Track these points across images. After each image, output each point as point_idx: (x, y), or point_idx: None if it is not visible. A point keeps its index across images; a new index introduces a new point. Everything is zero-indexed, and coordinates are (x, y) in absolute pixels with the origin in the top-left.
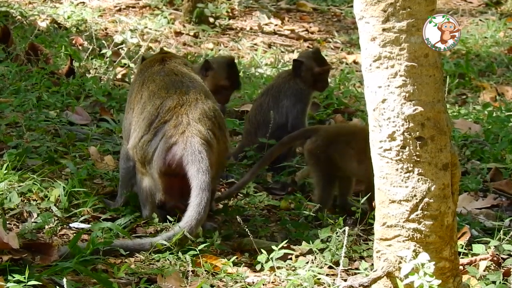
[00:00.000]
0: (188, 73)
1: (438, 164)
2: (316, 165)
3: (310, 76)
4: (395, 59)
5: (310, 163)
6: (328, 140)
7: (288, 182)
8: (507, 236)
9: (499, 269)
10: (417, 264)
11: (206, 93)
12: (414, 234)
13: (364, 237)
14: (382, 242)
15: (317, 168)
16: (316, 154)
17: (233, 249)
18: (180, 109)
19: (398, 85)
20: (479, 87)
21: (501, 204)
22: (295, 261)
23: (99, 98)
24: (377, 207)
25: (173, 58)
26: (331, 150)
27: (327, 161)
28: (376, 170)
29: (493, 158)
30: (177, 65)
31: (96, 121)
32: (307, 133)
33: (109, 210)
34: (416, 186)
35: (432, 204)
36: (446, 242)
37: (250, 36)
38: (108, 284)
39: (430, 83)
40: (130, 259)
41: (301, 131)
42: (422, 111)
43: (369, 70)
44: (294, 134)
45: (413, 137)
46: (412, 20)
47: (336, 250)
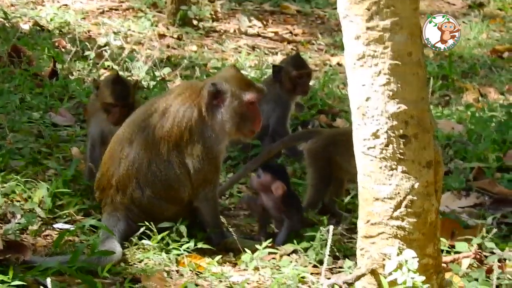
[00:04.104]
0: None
1: (422, 162)
2: (315, 165)
3: (289, 80)
4: (379, 58)
5: (309, 163)
6: (329, 141)
7: None
8: (489, 234)
9: (482, 267)
10: (401, 261)
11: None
12: (397, 232)
13: (348, 236)
14: (366, 239)
15: (315, 169)
16: (316, 153)
17: (218, 249)
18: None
19: (382, 83)
20: (462, 88)
21: (484, 203)
22: (280, 260)
23: (83, 100)
24: (361, 204)
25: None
26: (332, 150)
27: (327, 161)
28: (360, 168)
29: (476, 157)
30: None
31: (80, 122)
32: (308, 134)
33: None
34: (400, 184)
35: (415, 202)
36: (430, 239)
37: (233, 39)
38: (93, 284)
39: (414, 82)
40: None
41: (303, 132)
42: (406, 109)
43: (353, 69)
44: (296, 134)
45: (396, 135)
46: (396, 19)
47: (320, 249)
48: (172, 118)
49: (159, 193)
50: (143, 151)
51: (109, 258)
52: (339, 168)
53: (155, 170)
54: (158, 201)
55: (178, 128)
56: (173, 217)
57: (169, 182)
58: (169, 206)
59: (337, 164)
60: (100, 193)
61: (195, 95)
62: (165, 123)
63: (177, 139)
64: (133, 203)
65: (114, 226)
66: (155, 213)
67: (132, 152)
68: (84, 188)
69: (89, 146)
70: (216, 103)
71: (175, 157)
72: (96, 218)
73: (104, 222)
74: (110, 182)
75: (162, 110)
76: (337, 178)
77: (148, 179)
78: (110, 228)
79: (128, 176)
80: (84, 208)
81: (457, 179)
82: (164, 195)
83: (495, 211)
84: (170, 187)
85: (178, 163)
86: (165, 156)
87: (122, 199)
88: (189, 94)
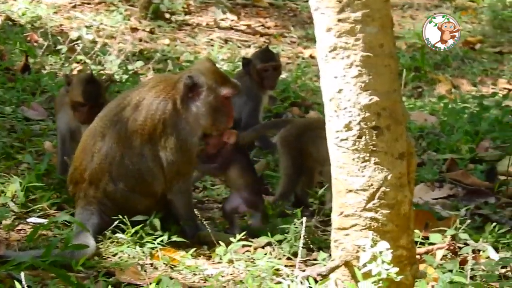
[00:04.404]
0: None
1: (394, 153)
2: (288, 153)
3: (256, 73)
4: (350, 50)
5: (282, 151)
6: (302, 129)
7: None
8: (463, 225)
9: (456, 258)
10: (375, 252)
11: None
12: (371, 223)
13: (322, 228)
14: (339, 231)
15: (287, 158)
16: (289, 142)
17: (192, 242)
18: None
19: (354, 75)
20: (435, 80)
21: (457, 194)
22: (254, 253)
23: (55, 94)
24: (334, 196)
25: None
26: (304, 137)
27: (299, 150)
28: (333, 160)
29: (449, 149)
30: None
31: (52, 116)
32: (281, 123)
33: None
34: (373, 175)
35: (388, 193)
36: (403, 231)
37: (206, 32)
38: (66, 278)
39: (386, 73)
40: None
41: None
42: (378, 101)
43: (325, 61)
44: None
45: (369, 127)
46: (367, 11)
47: (294, 241)
48: (146, 111)
49: (132, 186)
50: (116, 144)
51: (82, 252)
52: (310, 157)
53: (128, 163)
54: (131, 194)
55: (152, 120)
56: (146, 211)
57: (142, 176)
58: (143, 199)
59: (308, 153)
60: (73, 187)
61: (170, 88)
62: (138, 116)
63: (150, 132)
64: (107, 197)
65: (87, 220)
66: (129, 207)
67: (105, 146)
68: (57, 182)
69: (59, 140)
70: (191, 96)
71: (148, 150)
72: (70, 212)
73: (78, 216)
74: (83, 176)
75: (135, 103)
76: (308, 168)
77: (121, 173)
78: (84, 222)
79: (101, 170)
80: (58, 202)
81: (430, 171)
82: (138, 188)
83: (469, 202)
84: (143, 180)
85: (151, 156)
86: (138, 150)
87: (95, 193)
88: (163, 87)
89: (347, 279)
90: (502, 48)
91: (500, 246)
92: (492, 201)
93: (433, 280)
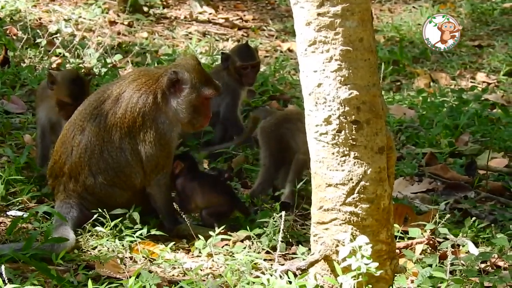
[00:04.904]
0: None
1: (374, 147)
2: (268, 144)
3: (234, 70)
4: (330, 44)
5: (262, 142)
6: (281, 119)
7: (225, 169)
8: (442, 219)
9: (435, 253)
10: (355, 247)
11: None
12: (351, 218)
13: (301, 222)
14: (319, 225)
15: (267, 147)
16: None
17: (171, 235)
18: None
19: (333, 69)
20: (413, 73)
21: (436, 188)
22: (233, 247)
23: (35, 87)
24: (314, 191)
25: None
26: (283, 127)
27: (278, 139)
28: (312, 154)
29: (428, 143)
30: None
31: (32, 109)
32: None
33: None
34: (352, 169)
35: (368, 187)
36: (383, 225)
37: (184, 25)
38: (46, 271)
39: (365, 67)
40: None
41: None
42: (358, 95)
43: (304, 55)
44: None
45: (348, 121)
46: (347, 5)
47: (273, 235)
48: (125, 104)
49: (112, 180)
50: (95, 138)
51: (62, 245)
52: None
53: (107, 157)
54: (110, 188)
55: (131, 114)
56: (126, 204)
57: (121, 169)
58: (122, 193)
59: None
60: (52, 180)
61: (152, 82)
62: (117, 109)
63: (129, 125)
64: (86, 191)
65: (67, 213)
66: (108, 200)
67: (84, 140)
68: (37, 176)
69: (39, 133)
70: (173, 91)
71: (127, 143)
72: (49, 205)
73: (57, 209)
74: (62, 169)
75: (115, 96)
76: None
77: (100, 166)
78: (63, 215)
79: (81, 164)
80: (37, 195)
81: (409, 165)
82: (117, 182)
83: (448, 196)
84: (122, 174)
85: (130, 149)
86: (117, 143)
87: (74, 186)
88: (145, 80)
89: (327, 274)
90: (481, 42)
91: (480, 241)
92: (472, 196)
93: (413, 275)
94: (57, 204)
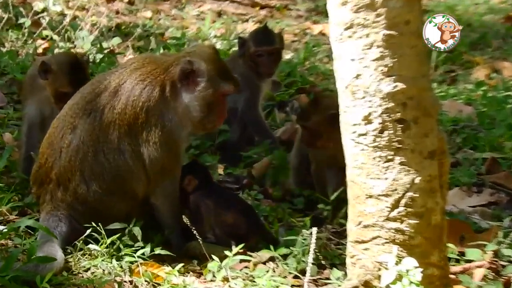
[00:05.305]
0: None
1: (423, 151)
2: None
3: (249, 57)
4: (370, 27)
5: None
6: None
7: (244, 175)
8: (506, 238)
9: (498, 278)
10: (401, 271)
11: None
12: (395, 236)
13: (336, 240)
14: (357, 245)
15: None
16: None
17: (179, 255)
18: None
19: (374, 57)
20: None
21: (499, 201)
22: (253, 270)
23: (17, 76)
24: (351, 203)
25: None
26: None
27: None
28: (349, 159)
29: (488, 146)
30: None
31: (13, 103)
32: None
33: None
34: (397, 178)
35: (416, 200)
36: (434, 245)
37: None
38: None
39: (412, 55)
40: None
41: None
42: (404, 89)
43: (339, 40)
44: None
45: (393, 119)
46: None
47: (302, 256)
48: (126, 97)
49: (108, 188)
50: (89, 138)
51: (48, 266)
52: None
53: (103, 160)
54: (107, 197)
55: (133, 108)
56: (125, 217)
57: (120, 175)
58: (120, 203)
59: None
60: (37, 188)
61: (160, 71)
62: (116, 103)
63: (130, 122)
64: (77, 200)
65: (54, 228)
66: (104, 212)
67: (76, 140)
68: (19, 182)
69: (25, 131)
70: (185, 83)
71: (128, 144)
72: (33, 217)
73: (43, 222)
74: (49, 175)
75: (113, 87)
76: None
77: (95, 172)
78: (50, 230)
79: (71, 168)
80: (19, 206)
81: (466, 173)
82: (114, 190)
83: None
84: (121, 180)
85: (131, 151)
86: (115, 144)
87: (63, 195)
88: (150, 69)
89: None
90: None
91: None
92: None
93: None
94: (42, 216)
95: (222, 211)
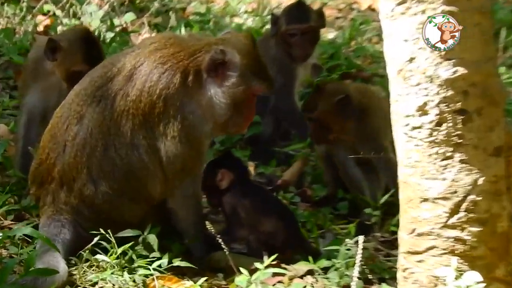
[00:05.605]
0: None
1: (488, 147)
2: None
3: (281, 38)
4: (427, 2)
5: None
6: None
7: (277, 175)
8: None
9: None
10: (461, 286)
11: None
12: (455, 245)
13: (386, 251)
14: (410, 256)
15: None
16: None
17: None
18: None
19: None
20: None
21: None
22: (288, 285)
23: (13, 58)
24: (403, 207)
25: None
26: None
27: None
28: (401, 156)
29: None
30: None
31: (9, 89)
32: None
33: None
34: (457, 178)
35: (479, 204)
36: (500, 257)
37: None
38: None
39: (476, 35)
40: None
41: None
42: (465, 74)
43: (391, 18)
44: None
45: (452, 110)
46: None
47: (345, 270)
48: (142, 82)
49: (119, 188)
50: (98, 129)
51: (49, 280)
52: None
53: (114, 156)
54: (117, 200)
55: (149, 96)
56: (138, 223)
57: (133, 173)
58: (134, 207)
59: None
60: (37, 188)
61: (184, 55)
62: (130, 89)
63: (146, 112)
64: (83, 203)
65: (56, 235)
66: (114, 217)
67: (82, 132)
68: (15, 182)
69: (23, 122)
70: (214, 75)
71: (142, 138)
72: (32, 223)
73: (43, 229)
74: (51, 173)
75: (128, 71)
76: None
77: (104, 169)
78: (52, 238)
79: (76, 165)
80: (15, 209)
81: None
82: (127, 191)
83: None
84: (135, 180)
85: (146, 146)
86: (128, 137)
87: (67, 197)
88: (173, 51)
89: None
90: None
91: None
92: None
93: None
94: (42, 221)
95: (261, 216)
